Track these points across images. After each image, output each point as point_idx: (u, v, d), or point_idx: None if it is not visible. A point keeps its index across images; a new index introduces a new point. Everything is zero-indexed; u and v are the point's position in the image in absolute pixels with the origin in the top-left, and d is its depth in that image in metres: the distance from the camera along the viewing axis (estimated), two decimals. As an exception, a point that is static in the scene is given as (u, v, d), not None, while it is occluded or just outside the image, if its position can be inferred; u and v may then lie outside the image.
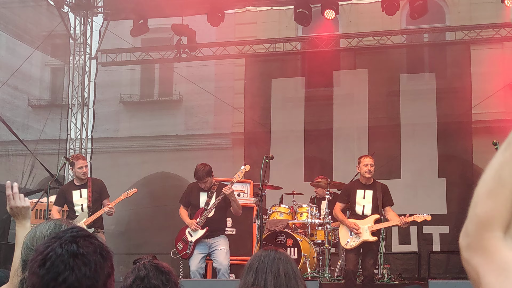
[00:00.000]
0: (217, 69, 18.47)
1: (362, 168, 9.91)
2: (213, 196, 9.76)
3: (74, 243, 2.21)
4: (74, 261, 2.18)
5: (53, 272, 2.16)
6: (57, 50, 17.08)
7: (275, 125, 16.54)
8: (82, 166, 10.01)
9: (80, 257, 2.19)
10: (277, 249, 3.37)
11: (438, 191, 15.01)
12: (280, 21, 17.64)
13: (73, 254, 2.19)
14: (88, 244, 2.24)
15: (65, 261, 2.17)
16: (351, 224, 9.78)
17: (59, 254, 2.18)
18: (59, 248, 2.19)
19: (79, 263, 2.18)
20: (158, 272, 3.33)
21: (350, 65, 16.50)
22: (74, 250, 2.19)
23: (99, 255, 2.24)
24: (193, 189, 9.99)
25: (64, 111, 16.45)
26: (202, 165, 9.79)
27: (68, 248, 2.19)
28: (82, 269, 2.18)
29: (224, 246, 9.69)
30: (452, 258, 14.92)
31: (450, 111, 15.22)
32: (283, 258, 3.31)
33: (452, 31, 15.88)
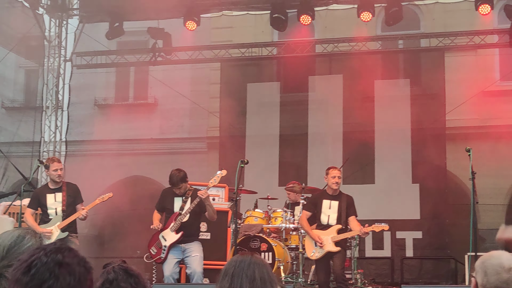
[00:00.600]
0: (193, 73, 18.44)
1: (330, 179, 10.20)
2: (187, 201, 9.74)
3: (59, 253, 2.21)
4: (59, 269, 2.17)
5: (38, 279, 2.15)
6: (32, 52, 16.96)
7: (250, 130, 16.55)
8: (57, 169, 9.94)
9: (65, 266, 2.19)
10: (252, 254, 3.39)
11: (412, 197, 15.10)
12: (256, 26, 17.68)
13: (59, 263, 2.18)
14: (73, 256, 2.24)
15: (51, 269, 2.16)
16: (315, 237, 10.06)
17: (45, 262, 2.17)
18: (44, 257, 2.19)
19: (64, 272, 2.17)
20: (127, 276, 3.33)
21: (325, 70, 16.56)
22: (59, 259, 2.19)
23: (82, 267, 2.24)
24: (167, 194, 9.97)
25: (38, 113, 16.36)
26: (177, 171, 9.78)
27: (54, 257, 2.19)
28: (67, 278, 2.17)
29: (198, 252, 9.66)
30: (425, 263, 15.05)
31: (424, 117, 15.34)
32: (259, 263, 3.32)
33: (427, 38, 16.03)
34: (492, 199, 16.10)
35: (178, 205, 9.79)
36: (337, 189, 10.23)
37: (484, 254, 3.64)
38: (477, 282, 3.54)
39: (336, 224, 10.14)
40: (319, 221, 10.30)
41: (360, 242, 12.28)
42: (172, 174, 9.75)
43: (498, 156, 15.86)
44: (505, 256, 3.56)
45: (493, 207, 16.21)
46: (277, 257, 10.86)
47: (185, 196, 9.78)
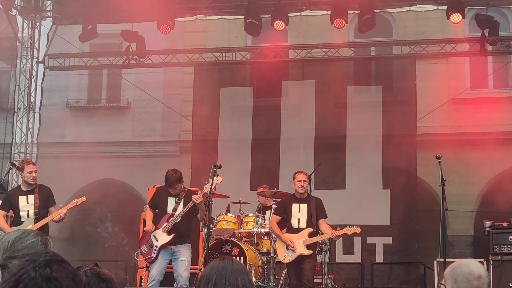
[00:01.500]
0: (166, 77, 18.43)
1: (296, 183, 10.34)
2: (181, 202, 9.86)
3: (47, 267, 2.20)
4: (47, 285, 2.16)
5: None
6: (4, 53, 16.86)
7: (223, 134, 16.58)
8: (32, 171, 9.90)
9: (53, 281, 2.18)
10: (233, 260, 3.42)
11: (382, 202, 15.23)
12: (230, 30, 17.73)
13: (47, 278, 2.17)
14: (62, 269, 2.23)
15: (38, 284, 2.15)
16: (286, 241, 10.17)
17: (33, 277, 2.16)
18: (33, 271, 2.18)
19: (52, 287, 2.19)
20: (99, 280, 3.34)
21: (298, 76, 16.65)
22: (47, 274, 2.18)
23: (71, 280, 2.23)
24: (161, 192, 10.05)
25: (9, 114, 16.26)
26: (173, 171, 9.88)
27: (42, 271, 2.18)
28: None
29: (186, 257, 9.78)
30: (395, 268, 15.18)
31: (395, 123, 15.48)
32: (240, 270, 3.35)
33: (399, 45, 16.18)
34: (461, 205, 16.32)
35: (171, 205, 9.90)
36: (303, 192, 10.35)
37: (454, 261, 3.70)
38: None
39: (306, 227, 10.22)
40: (289, 225, 10.38)
41: (330, 246, 12.35)
42: (168, 175, 9.82)
43: (468, 163, 16.07)
44: (474, 264, 3.62)
45: (462, 213, 16.43)
46: (248, 261, 10.89)
47: (179, 197, 9.87)
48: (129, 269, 16.16)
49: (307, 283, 10.01)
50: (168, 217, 9.84)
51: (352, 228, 10.31)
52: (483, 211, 16.17)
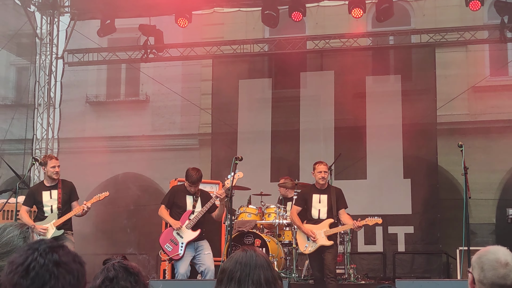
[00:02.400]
0: (184, 70, 18.46)
1: (317, 174, 10.29)
2: (198, 200, 9.90)
3: (54, 253, 2.22)
4: (58, 269, 2.19)
5: (38, 282, 2.16)
6: (23, 49, 16.95)
7: (242, 126, 16.57)
8: (55, 166, 9.96)
9: (63, 266, 2.20)
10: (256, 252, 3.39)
11: (403, 192, 15.18)
12: (247, 22, 17.71)
13: (56, 263, 2.20)
14: (67, 254, 2.26)
15: (50, 270, 2.18)
16: (307, 231, 10.11)
17: (43, 264, 2.18)
18: (41, 258, 2.19)
19: (63, 272, 2.19)
20: (127, 274, 3.33)
21: (317, 66, 16.60)
22: (56, 259, 2.20)
23: (78, 263, 2.27)
24: (178, 191, 10.08)
25: (30, 110, 16.35)
26: (196, 170, 9.93)
27: (50, 257, 2.20)
28: (67, 277, 2.20)
29: (209, 250, 9.87)
30: (417, 257, 15.13)
31: (415, 113, 15.38)
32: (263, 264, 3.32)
33: (417, 34, 16.08)
34: (483, 193, 16.23)
35: (190, 203, 9.93)
36: (324, 183, 10.32)
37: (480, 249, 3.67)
38: (474, 278, 3.56)
39: (327, 218, 10.20)
40: (310, 215, 10.36)
41: (352, 237, 12.34)
42: (191, 173, 9.84)
43: (489, 151, 15.99)
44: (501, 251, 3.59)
45: (483, 201, 16.35)
46: (270, 252, 10.91)
47: (196, 195, 9.93)
48: (151, 262, 16.22)
49: (329, 274, 9.99)
50: (189, 214, 9.89)
51: (374, 218, 10.27)
52: (505, 198, 16.09)
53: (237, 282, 3.27)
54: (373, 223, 10.30)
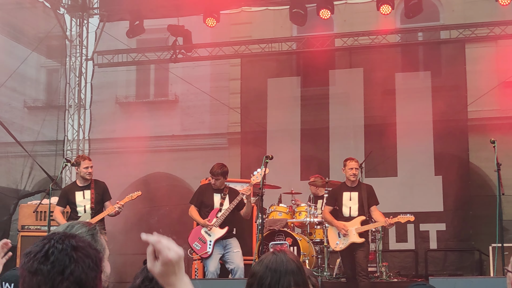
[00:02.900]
0: (213, 69, 18.50)
1: (347, 171, 10.26)
2: (226, 198, 9.94)
3: (70, 238, 2.25)
4: (77, 253, 2.21)
5: (59, 266, 2.18)
6: (53, 51, 17.08)
7: (271, 125, 16.57)
8: (88, 166, 10.07)
9: (81, 250, 2.23)
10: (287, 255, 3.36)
11: (435, 189, 15.09)
12: (275, 21, 17.68)
13: (74, 247, 2.22)
14: (82, 240, 2.29)
15: (69, 254, 2.20)
16: (339, 225, 10.10)
17: (62, 249, 2.20)
18: (59, 244, 2.22)
19: (82, 256, 2.22)
20: None
21: (346, 64, 16.56)
22: (74, 244, 2.23)
23: (94, 249, 2.29)
24: (206, 189, 10.15)
25: (61, 112, 16.48)
26: (221, 164, 10.08)
27: (67, 242, 2.23)
28: (86, 261, 2.22)
29: (238, 248, 9.90)
30: (449, 255, 15.03)
31: (445, 109, 15.27)
32: (294, 270, 3.29)
33: (447, 29, 15.97)
34: (515, 190, 16.05)
35: (217, 200, 9.98)
36: (355, 180, 10.27)
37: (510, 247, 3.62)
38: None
39: (358, 215, 10.16)
40: (341, 213, 10.33)
41: (384, 235, 12.29)
42: (214, 166, 10.01)
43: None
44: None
45: (516, 198, 16.17)
46: (302, 251, 10.91)
47: (223, 193, 9.96)
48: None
49: (361, 272, 9.96)
50: (216, 212, 9.92)
51: (406, 216, 10.22)
52: (538, 195, 15.90)
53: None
54: (405, 220, 10.25)
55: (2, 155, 16.86)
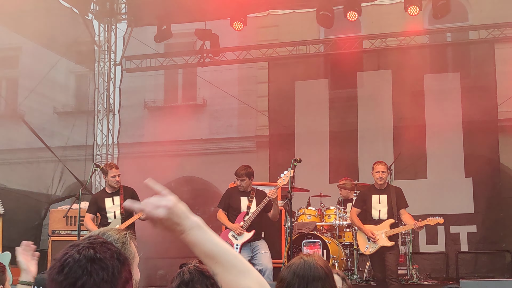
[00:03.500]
0: (240, 73, 18.53)
1: (375, 175, 10.29)
2: (253, 201, 9.94)
3: (91, 249, 2.24)
4: (92, 266, 2.20)
5: (71, 278, 2.18)
6: (82, 57, 17.21)
7: (300, 127, 16.55)
8: (115, 175, 10.15)
9: (98, 262, 2.21)
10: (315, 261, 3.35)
11: (465, 191, 14.96)
12: (302, 23, 17.62)
13: (91, 259, 2.21)
14: (105, 250, 2.27)
15: (83, 266, 2.19)
16: (367, 232, 10.05)
17: (77, 260, 2.20)
18: (77, 254, 2.22)
19: (97, 268, 2.20)
20: (203, 277, 3.38)
21: (374, 66, 16.49)
22: (91, 255, 2.22)
23: (116, 260, 2.26)
24: (233, 193, 10.17)
25: (90, 117, 16.60)
26: (245, 166, 10.11)
27: (86, 253, 2.22)
28: (100, 274, 2.20)
29: (266, 249, 9.89)
30: (480, 257, 14.89)
31: (475, 110, 15.13)
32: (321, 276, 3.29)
33: (476, 30, 15.83)
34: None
35: (244, 204, 9.98)
36: (382, 183, 10.23)
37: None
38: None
39: (387, 219, 10.12)
40: (370, 216, 10.31)
41: (414, 237, 12.21)
42: (239, 167, 9.99)
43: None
44: None
45: (547, 199, 15.98)
46: (331, 254, 10.87)
47: (250, 196, 9.96)
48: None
49: (391, 275, 9.93)
50: (244, 215, 9.92)
51: (435, 218, 10.18)
52: None
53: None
54: (435, 223, 10.20)
55: (33, 161, 17.04)
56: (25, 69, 19.14)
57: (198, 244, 2.30)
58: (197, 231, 2.31)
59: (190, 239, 2.30)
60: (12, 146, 17.52)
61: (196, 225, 2.31)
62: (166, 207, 2.28)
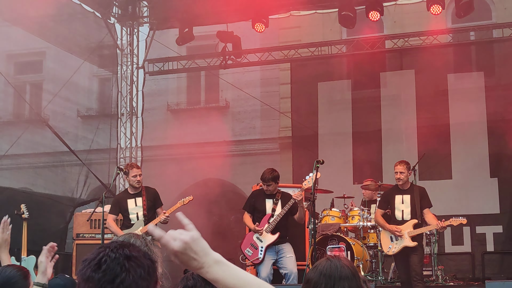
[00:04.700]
0: (263, 74, 18.52)
1: (395, 175, 10.10)
2: (278, 203, 9.91)
3: (125, 248, 2.27)
4: (129, 263, 2.23)
5: (110, 275, 2.20)
6: (105, 60, 17.31)
7: (323, 128, 16.52)
8: (137, 175, 10.14)
9: (134, 260, 2.25)
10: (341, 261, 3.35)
11: (491, 191, 14.85)
12: (324, 24, 17.59)
13: (127, 256, 2.24)
14: (137, 250, 2.31)
15: (121, 263, 2.22)
16: (392, 228, 9.99)
17: (114, 258, 2.23)
18: (112, 253, 2.24)
19: (134, 265, 2.23)
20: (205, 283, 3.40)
21: (397, 66, 16.41)
22: (127, 253, 2.25)
23: (148, 259, 2.30)
24: (258, 195, 10.14)
25: (113, 120, 16.68)
26: (271, 170, 10.03)
27: (121, 252, 2.25)
28: (138, 271, 2.23)
29: (292, 253, 9.86)
30: (507, 258, 14.75)
31: (500, 109, 15.01)
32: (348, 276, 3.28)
33: (499, 28, 15.67)
34: None
35: (269, 206, 9.96)
36: (403, 184, 10.17)
37: None
38: None
39: (411, 219, 10.06)
40: (393, 217, 10.26)
41: (439, 238, 12.13)
42: (265, 172, 9.97)
43: None
44: None
45: None
46: (356, 255, 10.82)
47: (275, 198, 9.94)
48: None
49: (415, 276, 9.85)
50: (268, 218, 9.91)
51: (458, 219, 10.10)
52: None
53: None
54: (458, 223, 10.12)
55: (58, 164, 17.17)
56: (49, 73, 19.29)
57: (220, 280, 2.32)
58: (217, 267, 2.32)
59: (210, 276, 2.32)
60: (37, 150, 17.66)
61: (215, 262, 2.32)
62: (183, 241, 2.27)
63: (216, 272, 2.32)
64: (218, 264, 2.32)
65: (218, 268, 2.32)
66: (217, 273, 2.32)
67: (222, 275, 2.32)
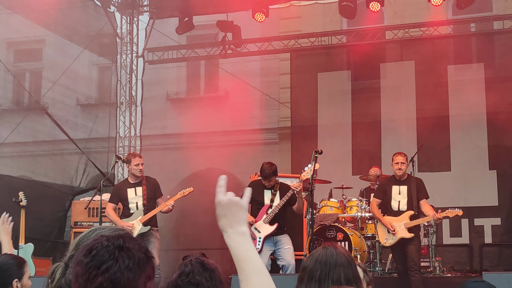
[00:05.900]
0: (263, 64, 18.49)
1: (394, 166, 10.24)
2: (277, 194, 9.91)
3: (120, 239, 2.28)
4: (119, 253, 2.24)
5: (97, 260, 2.22)
6: (105, 49, 17.29)
7: (322, 119, 16.52)
8: (139, 164, 10.14)
9: (126, 250, 2.26)
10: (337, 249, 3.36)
11: (489, 183, 14.85)
12: (324, 14, 17.56)
13: (119, 246, 2.26)
14: (134, 242, 2.31)
15: (111, 252, 2.24)
16: (387, 224, 10.02)
17: (105, 245, 2.25)
18: (106, 241, 2.27)
19: (124, 256, 2.24)
20: (203, 269, 3.45)
21: (397, 57, 16.38)
22: (120, 243, 2.27)
23: (143, 253, 2.30)
24: (256, 186, 10.10)
25: (112, 109, 16.66)
26: (269, 164, 9.96)
27: (115, 241, 2.27)
28: (126, 261, 2.23)
29: (289, 245, 9.87)
30: (504, 250, 14.77)
31: (499, 101, 14.97)
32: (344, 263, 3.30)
33: (500, 20, 15.63)
34: None
35: (268, 197, 9.96)
36: (401, 174, 10.17)
37: None
38: None
39: (407, 210, 10.06)
40: (390, 207, 10.26)
41: (437, 229, 12.14)
42: (264, 168, 9.89)
43: None
44: None
45: None
46: (353, 246, 10.84)
47: (274, 189, 9.94)
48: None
49: (413, 267, 9.86)
50: (267, 208, 9.90)
51: (454, 210, 10.12)
52: None
53: (317, 281, 3.26)
54: (454, 215, 10.14)
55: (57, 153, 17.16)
56: (49, 61, 19.26)
57: (233, 249, 2.50)
58: (239, 237, 2.51)
59: (228, 240, 2.51)
60: (36, 138, 17.64)
61: (240, 233, 2.51)
62: (230, 199, 2.55)
63: (235, 241, 2.50)
64: (241, 235, 2.51)
65: (239, 238, 2.51)
66: (235, 242, 2.50)
67: (236, 246, 2.50)
